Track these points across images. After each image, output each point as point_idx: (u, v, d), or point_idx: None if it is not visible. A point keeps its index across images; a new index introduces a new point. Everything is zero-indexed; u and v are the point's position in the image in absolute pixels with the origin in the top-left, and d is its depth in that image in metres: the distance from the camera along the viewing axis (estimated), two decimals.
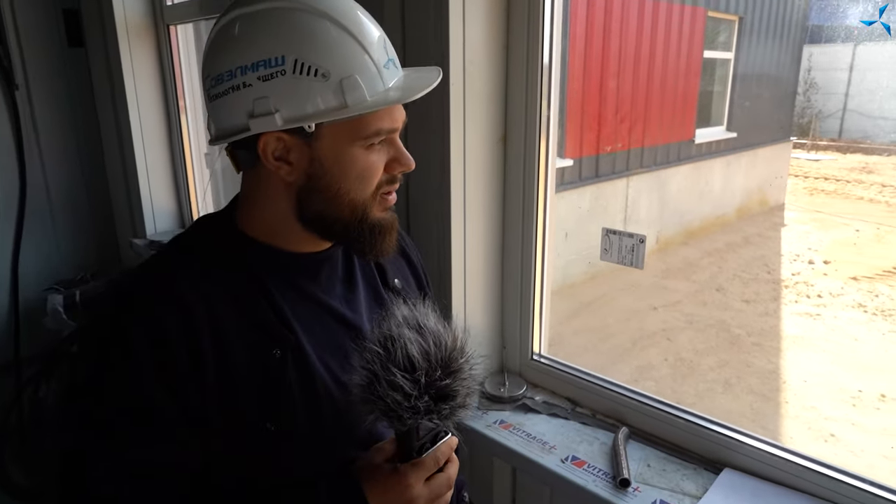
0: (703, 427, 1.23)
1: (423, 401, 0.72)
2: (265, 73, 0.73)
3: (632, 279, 5.67)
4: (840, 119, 10.05)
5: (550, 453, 1.25)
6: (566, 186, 5.30)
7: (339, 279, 0.91)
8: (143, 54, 2.57)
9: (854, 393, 3.73)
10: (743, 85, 7.04)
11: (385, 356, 0.73)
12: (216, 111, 0.79)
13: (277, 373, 0.79)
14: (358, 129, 0.77)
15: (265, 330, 0.79)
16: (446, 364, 0.74)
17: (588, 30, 5.17)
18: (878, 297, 4.95)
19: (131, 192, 2.74)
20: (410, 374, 0.72)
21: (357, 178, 0.79)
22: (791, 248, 6.20)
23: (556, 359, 1.49)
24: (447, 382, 0.73)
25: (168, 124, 2.69)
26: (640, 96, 5.83)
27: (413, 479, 0.77)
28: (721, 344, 4.40)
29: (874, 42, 8.12)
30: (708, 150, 6.72)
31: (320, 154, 0.77)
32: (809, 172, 8.79)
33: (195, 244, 0.85)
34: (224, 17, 0.78)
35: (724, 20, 6.69)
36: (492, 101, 1.39)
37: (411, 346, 0.73)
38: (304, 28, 0.74)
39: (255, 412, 0.78)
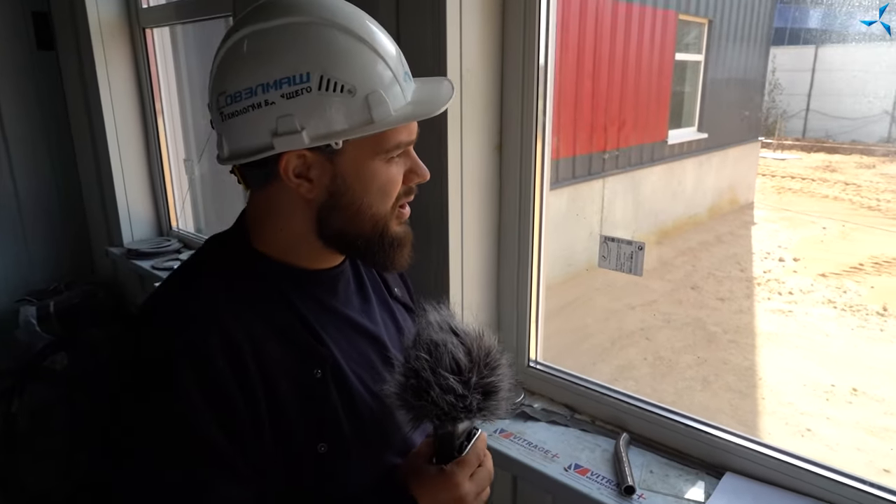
0: (703, 432, 1.25)
1: (476, 399, 0.74)
2: (289, 91, 0.71)
3: (608, 279, 5.73)
4: (803, 119, 10.33)
5: (553, 462, 1.25)
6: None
7: (354, 292, 0.90)
8: (118, 58, 2.50)
9: (827, 387, 3.83)
10: (713, 87, 7.18)
11: (434, 362, 0.74)
12: (232, 130, 0.76)
13: (321, 392, 0.78)
14: (380, 144, 0.76)
15: (303, 350, 0.78)
16: (486, 362, 0.76)
17: (563, 33, 5.20)
18: (846, 293, 5.09)
19: (106, 199, 2.67)
20: (459, 376, 0.74)
21: (379, 191, 0.78)
22: (762, 246, 6.34)
23: (553, 366, 1.50)
24: (492, 379, 0.76)
25: (145, 130, 2.63)
26: (615, 98, 5.90)
27: (460, 476, 0.79)
28: (698, 342, 4.47)
29: (835, 44, 8.36)
30: (680, 151, 6.83)
31: (342, 170, 0.76)
32: (776, 171, 9.01)
33: (218, 266, 0.81)
34: (236, 32, 0.75)
35: (694, 23, 6.81)
36: (488, 109, 1.38)
37: (456, 349, 0.75)
38: (327, 43, 0.72)
39: (306, 435, 0.77)
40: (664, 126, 6.54)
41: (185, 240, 2.64)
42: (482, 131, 1.38)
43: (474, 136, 1.35)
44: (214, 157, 0.84)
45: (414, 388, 0.74)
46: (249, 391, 0.72)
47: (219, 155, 0.81)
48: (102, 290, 2.71)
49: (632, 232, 6.17)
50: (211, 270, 0.81)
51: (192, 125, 2.75)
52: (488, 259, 1.48)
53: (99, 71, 2.45)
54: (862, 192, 7.83)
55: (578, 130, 5.60)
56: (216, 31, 2.69)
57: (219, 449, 0.71)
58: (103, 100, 2.49)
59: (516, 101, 1.37)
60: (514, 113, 1.38)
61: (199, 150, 2.70)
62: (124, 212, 2.63)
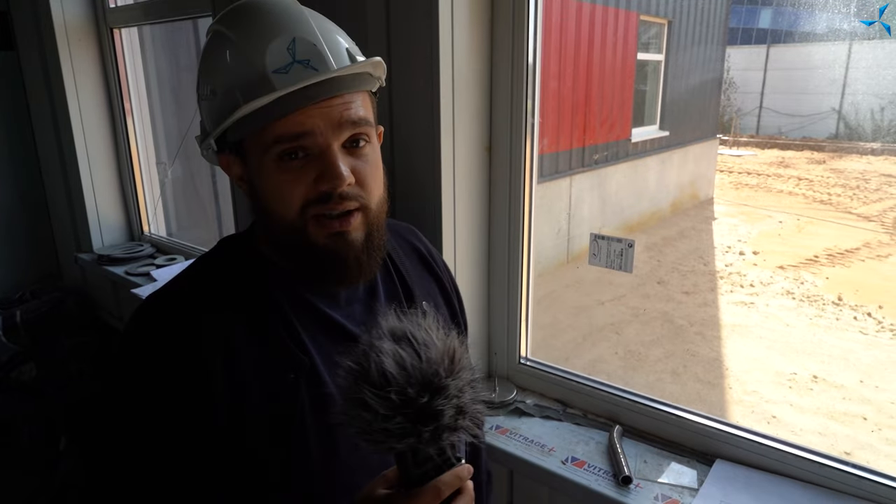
0: (693, 422, 1.29)
1: (395, 422, 0.62)
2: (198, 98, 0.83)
3: (577, 276, 5.83)
4: (757, 116, 10.68)
5: (550, 455, 1.28)
6: None
7: (360, 301, 0.88)
8: (85, 59, 2.43)
9: (790, 376, 3.98)
10: (673, 85, 7.36)
11: (358, 371, 0.65)
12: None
13: (290, 397, 0.77)
14: (262, 140, 0.74)
15: (281, 354, 0.78)
16: (428, 380, 0.63)
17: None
18: (803, 284, 5.30)
19: (75, 204, 2.59)
20: (381, 391, 0.62)
21: (273, 194, 0.76)
22: (723, 240, 6.53)
23: (543, 362, 1.52)
24: (425, 401, 0.63)
25: (114, 132, 2.56)
26: (581, 97, 6.00)
27: None
28: (666, 335, 4.59)
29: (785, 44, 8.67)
30: (643, 149, 6.99)
31: (248, 171, 0.80)
32: (733, 168, 9.29)
33: (218, 269, 0.83)
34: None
35: (654, 23, 6.97)
36: (478, 111, 1.40)
37: (385, 358, 0.63)
38: (206, 51, 0.81)
39: (267, 438, 0.76)
40: (628, 124, 6.68)
41: (158, 244, 2.58)
42: (472, 131, 1.39)
43: (465, 136, 1.37)
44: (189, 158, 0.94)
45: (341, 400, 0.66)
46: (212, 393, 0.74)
47: None
48: (71, 298, 2.63)
49: (598, 228, 6.28)
50: (206, 272, 0.84)
51: (162, 127, 2.69)
52: (479, 257, 1.50)
53: (65, 71, 2.38)
54: (814, 186, 8.15)
55: (546, 129, 5.68)
56: (185, 31, 2.64)
57: (176, 450, 0.73)
58: (70, 101, 2.41)
59: (505, 101, 1.39)
60: (503, 114, 1.40)
61: (171, 153, 2.65)
62: (94, 217, 2.56)
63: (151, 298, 0.81)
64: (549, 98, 5.64)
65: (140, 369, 0.75)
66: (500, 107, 1.41)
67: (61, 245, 2.81)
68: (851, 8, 6.83)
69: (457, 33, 1.29)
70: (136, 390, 0.75)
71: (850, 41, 7.87)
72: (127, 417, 0.75)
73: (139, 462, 0.74)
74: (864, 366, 4.08)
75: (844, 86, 8.52)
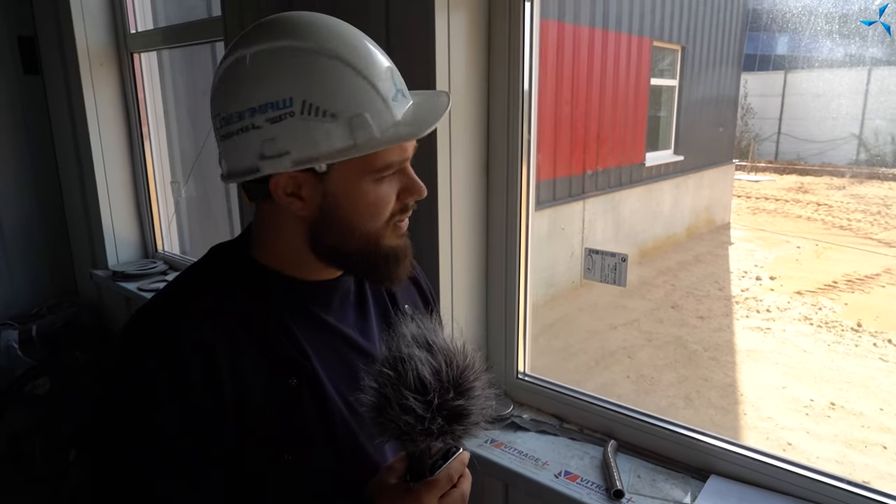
0: (688, 437, 1.28)
1: (437, 423, 0.69)
2: (274, 115, 0.73)
3: (590, 299, 5.80)
4: (775, 142, 10.64)
5: (544, 469, 1.28)
6: None
7: (352, 306, 0.91)
8: (106, 82, 2.53)
9: (806, 402, 3.90)
10: (688, 110, 7.38)
11: (396, 378, 0.70)
12: (227, 150, 0.78)
13: (293, 401, 0.79)
14: (369, 164, 0.77)
15: (282, 360, 0.79)
16: (458, 383, 0.71)
17: (542, 57, 5.34)
18: (821, 309, 5.21)
19: (92, 222, 2.67)
20: (422, 396, 0.69)
21: (367, 210, 0.79)
22: (739, 265, 6.46)
23: (541, 377, 1.53)
24: (460, 403, 0.70)
25: (131, 153, 2.64)
26: (594, 121, 6.04)
27: (427, 497, 0.75)
28: (679, 360, 4.53)
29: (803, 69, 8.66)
30: (658, 173, 6.98)
31: (332, 189, 0.77)
32: (751, 193, 9.24)
33: (214, 275, 0.84)
34: (229, 55, 0.77)
35: (668, 49, 7.02)
36: (475, 130, 1.43)
37: (422, 366, 0.70)
38: (311, 68, 0.73)
39: (273, 444, 0.78)
40: (641, 148, 6.69)
41: (171, 261, 2.64)
42: (469, 150, 1.43)
43: (462, 155, 1.40)
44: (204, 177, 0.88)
45: (374, 405, 0.71)
46: (219, 399, 0.74)
47: (221, 172, 0.83)
48: (86, 313, 2.69)
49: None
50: (202, 278, 0.84)
51: (178, 147, 2.77)
52: (476, 272, 1.52)
53: (86, 95, 2.47)
54: (833, 212, 8.05)
55: (559, 154, 5.71)
56: (203, 54, 2.73)
57: (183, 455, 0.73)
58: (90, 124, 2.50)
59: (502, 122, 1.43)
60: (500, 133, 1.44)
61: (185, 173, 2.72)
62: (109, 235, 2.63)
63: (152, 306, 0.81)
64: (562, 122, 5.69)
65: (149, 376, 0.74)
66: (496, 128, 1.44)
67: (78, 262, 2.88)
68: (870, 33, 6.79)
69: (454, 61, 1.33)
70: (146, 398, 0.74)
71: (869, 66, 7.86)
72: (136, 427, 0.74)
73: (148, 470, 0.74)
74: (885, 393, 3.99)
75: (864, 111, 8.48)
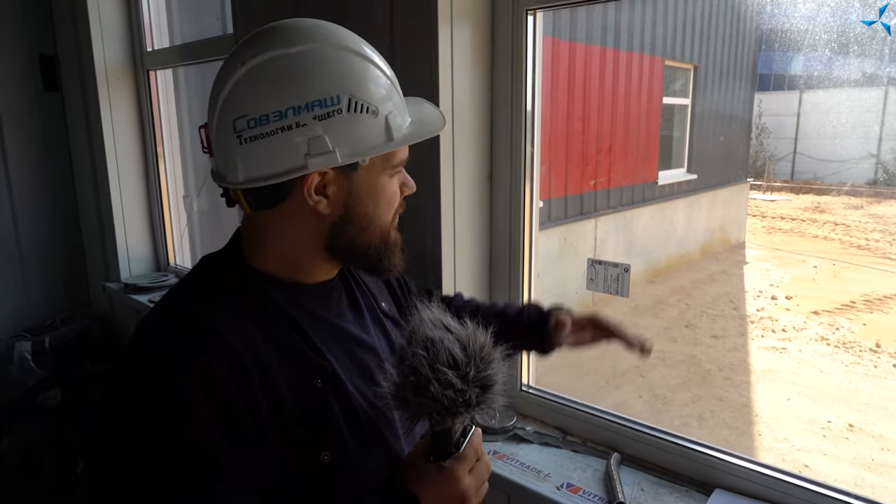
0: (693, 450, 1.26)
1: (476, 392, 0.75)
2: (321, 113, 0.75)
3: None
4: (791, 162, 10.57)
5: (546, 481, 1.26)
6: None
7: (347, 305, 0.93)
8: (122, 99, 2.58)
9: (823, 424, 3.82)
10: (701, 129, 7.37)
11: (431, 358, 0.75)
12: (254, 153, 0.77)
13: (322, 402, 0.80)
14: (389, 160, 0.83)
15: (303, 362, 0.80)
16: (482, 356, 0.76)
17: (553, 76, 5.38)
18: (838, 329, 5.13)
19: (106, 236, 2.71)
20: (457, 371, 0.74)
21: (386, 204, 0.85)
22: (754, 284, 6.39)
23: (545, 389, 1.52)
24: (488, 373, 0.76)
25: (145, 168, 2.69)
26: (606, 139, 6.05)
27: (460, 471, 0.78)
28: (693, 379, 4.47)
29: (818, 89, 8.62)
30: (671, 192, 6.96)
31: (357, 185, 0.81)
32: (766, 212, 9.17)
33: (213, 283, 0.83)
34: (253, 57, 0.76)
35: (680, 68, 7.04)
36: (478, 141, 1.45)
37: (452, 344, 0.75)
38: (351, 67, 0.78)
39: (309, 446, 0.78)
40: (654, 167, 6.68)
41: (182, 274, 2.67)
42: (472, 161, 1.44)
43: (465, 165, 1.41)
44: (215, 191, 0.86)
45: (413, 385, 0.74)
46: (254, 403, 0.74)
47: (222, 178, 0.81)
48: (98, 325, 2.72)
49: None
50: (205, 287, 0.83)
51: (191, 162, 2.82)
52: (480, 282, 1.52)
53: (103, 112, 2.53)
54: (851, 231, 7.96)
55: (570, 171, 5.72)
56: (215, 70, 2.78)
57: (229, 463, 0.72)
58: (106, 140, 2.55)
59: (505, 134, 1.44)
60: (503, 145, 1.45)
61: (197, 187, 2.76)
62: (123, 248, 2.67)
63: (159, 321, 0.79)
64: (573, 140, 5.71)
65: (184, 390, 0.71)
66: (499, 140, 1.45)
67: (92, 275, 2.92)
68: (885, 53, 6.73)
69: (457, 89, 1.35)
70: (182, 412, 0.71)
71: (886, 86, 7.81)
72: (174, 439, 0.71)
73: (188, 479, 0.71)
74: None
75: (882, 131, 8.41)
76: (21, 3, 2.66)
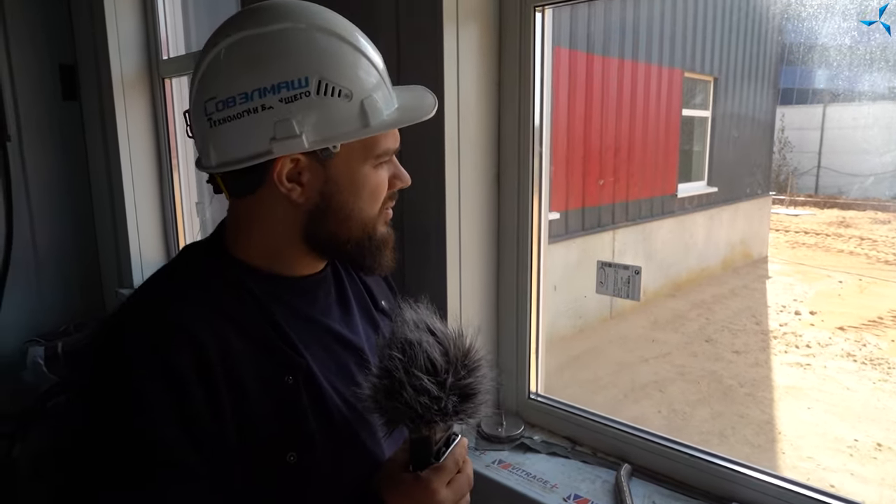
0: (709, 462, 1.21)
1: (452, 401, 0.71)
2: (288, 95, 0.72)
3: (621, 332, 5.66)
4: (815, 176, 10.39)
5: (552, 492, 1.21)
6: (554, 239, 5.35)
7: (335, 301, 0.89)
8: (138, 106, 2.60)
9: (850, 442, 3.69)
10: (721, 142, 7.27)
11: (407, 361, 0.71)
12: (222, 136, 0.74)
13: (292, 400, 0.76)
14: (370, 149, 0.78)
15: (276, 357, 0.76)
16: (465, 363, 0.73)
17: (571, 88, 5.35)
18: (865, 346, 4.98)
19: (120, 243, 2.72)
20: (434, 377, 0.71)
21: (369, 196, 0.80)
22: (777, 299, 6.25)
23: (554, 398, 1.47)
24: (469, 381, 0.72)
25: (160, 175, 2.70)
26: (624, 151, 6.00)
27: (437, 483, 0.75)
28: (713, 395, 4.36)
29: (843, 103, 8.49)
30: (690, 204, 6.86)
31: (334, 174, 0.77)
32: (790, 227, 8.99)
33: (191, 273, 0.81)
34: (227, 37, 0.74)
35: (700, 80, 6.97)
36: (486, 144, 1.42)
37: (431, 348, 0.71)
38: (324, 48, 0.74)
39: (275, 444, 0.75)
40: (673, 179, 6.60)
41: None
42: (479, 162, 1.41)
43: (471, 166, 1.39)
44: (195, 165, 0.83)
45: (386, 389, 0.71)
46: (216, 398, 0.71)
47: (200, 162, 0.80)
48: None
49: (644, 284, 6.13)
50: (182, 277, 0.81)
51: None
52: (487, 287, 1.48)
53: (119, 119, 2.55)
54: (878, 246, 7.77)
55: (588, 183, 5.67)
56: None
57: (186, 460, 0.69)
58: (121, 147, 2.57)
59: (513, 137, 1.41)
60: (511, 148, 1.42)
61: (210, 194, 2.77)
62: (136, 255, 2.68)
63: (130, 306, 0.77)
64: (591, 151, 5.66)
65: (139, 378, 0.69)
66: (507, 142, 1.42)
67: (106, 282, 2.93)
68: None
69: (463, 110, 1.33)
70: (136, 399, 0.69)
71: None
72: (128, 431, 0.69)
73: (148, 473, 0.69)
74: None
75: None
76: (43, 13, 2.71)
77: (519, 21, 1.36)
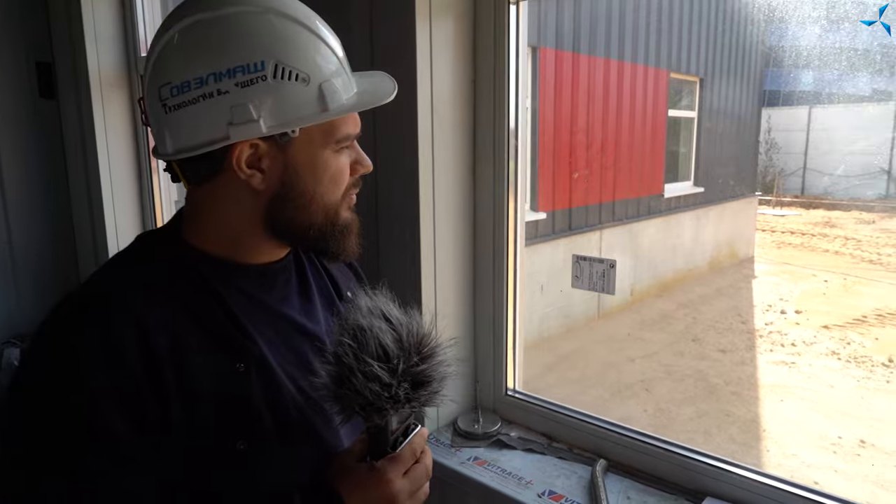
0: (683, 456, 1.20)
1: (403, 388, 0.69)
2: (244, 79, 0.70)
3: (607, 331, 5.67)
4: (801, 177, 10.47)
5: (527, 489, 1.20)
6: (540, 239, 5.35)
7: (295, 290, 0.87)
8: (116, 105, 2.57)
9: (834, 440, 3.71)
10: (707, 142, 7.31)
11: (357, 347, 0.70)
12: (177, 122, 0.73)
13: (242, 388, 0.74)
14: (331, 134, 0.77)
15: (227, 344, 0.75)
16: (419, 349, 0.72)
17: (557, 87, 5.35)
18: (849, 344, 5.01)
19: (98, 242, 2.68)
20: (386, 364, 0.69)
21: (330, 181, 0.78)
22: (763, 298, 6.28)
23: (531, 394, 1.46)
24: (422, 368, 0.71)
25: (139, 174, 2.67)
26: (610, 151, 6.01)
27: (392, 473, 0.74)
28: (699, 394, 4.37)
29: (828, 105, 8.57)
30: (677, 204, 6.88)
31: (294, 160, 0.75)
32: (776, 227, 9.05)
33: (143, 259, 0.79)
34: (179, 21, 0.73)
35: (686, 81, 7.00)
36: (460, 138, 1.40)
37: (383, 334, 0.70)
38: (280, 32, 0.72)
39: (223, 432, 0.73)
40: (660, 179, 6.62)
41: None
42: (455, 153, 1.39)
43: (446, 157, 1.37)
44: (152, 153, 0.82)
45: (335, 376, 0.70)
46: (160, 381, 0.69)
47: (157, 150, 0.79)
48: None
49: (630, 284, 6.14)
50: (134, 262, 0.79)
51: None
52: (463, 282, 1.47)
53: (96, 118, 2.51)
54: (863, 246, 7.83)
55: (574, 183, 5.67)
56: None
57: (122, 441, 0.68)
58: (99, 146, 2.54)
59: (488, 127, 1.40)
60: (486, 137, 1.40)
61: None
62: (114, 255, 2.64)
63: (76, 291, 0.76)
64: (577, 151, 5.67)
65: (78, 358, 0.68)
66: (482, 128, 1.41)
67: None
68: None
69: (436, 66, 1.32)
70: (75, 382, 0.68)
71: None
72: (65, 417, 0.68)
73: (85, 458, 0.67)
74: None
75: (893, 146, 8.32)
76: (19, 10, 2.67)
77: (493, 14, 1.35)
